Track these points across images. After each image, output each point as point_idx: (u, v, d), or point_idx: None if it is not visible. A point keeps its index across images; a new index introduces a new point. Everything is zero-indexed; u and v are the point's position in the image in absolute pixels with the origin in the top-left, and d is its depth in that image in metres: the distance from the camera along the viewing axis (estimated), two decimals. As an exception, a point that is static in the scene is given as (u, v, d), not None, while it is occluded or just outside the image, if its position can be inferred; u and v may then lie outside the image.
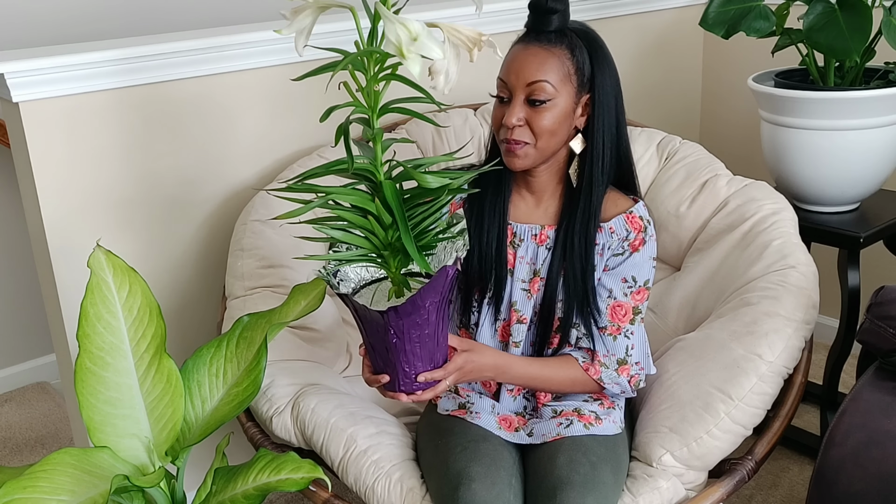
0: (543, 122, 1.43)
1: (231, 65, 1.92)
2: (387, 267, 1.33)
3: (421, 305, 1.27)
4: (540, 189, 1.53)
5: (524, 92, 1.42)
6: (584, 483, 1.34)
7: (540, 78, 1.41)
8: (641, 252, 1.51)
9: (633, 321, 1.52)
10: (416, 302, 1.27)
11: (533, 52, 1.42)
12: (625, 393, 1.54)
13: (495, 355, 1.47)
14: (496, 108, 1.47)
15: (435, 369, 1.36)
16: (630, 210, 1.51)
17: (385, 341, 1.31)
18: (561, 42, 1.43)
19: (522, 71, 1.42)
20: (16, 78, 1.66)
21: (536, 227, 1.53)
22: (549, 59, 1.42)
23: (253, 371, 1.49)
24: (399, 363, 1.33)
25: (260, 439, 1.63)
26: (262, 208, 1.87)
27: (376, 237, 1.30)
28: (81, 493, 1.30)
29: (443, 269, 1.26)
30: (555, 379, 1.50)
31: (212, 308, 2.04)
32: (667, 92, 2.78)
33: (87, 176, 1.81)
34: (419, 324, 1.29)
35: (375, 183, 1.29)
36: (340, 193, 1.28)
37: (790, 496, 2.07)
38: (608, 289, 1.51)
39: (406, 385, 1.36)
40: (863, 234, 1.96)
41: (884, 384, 1.49)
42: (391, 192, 1.26)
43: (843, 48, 1.87)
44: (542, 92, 1.41)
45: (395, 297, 1.34)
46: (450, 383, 1.39)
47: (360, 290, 1.40)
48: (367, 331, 1.35)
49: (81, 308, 1.41)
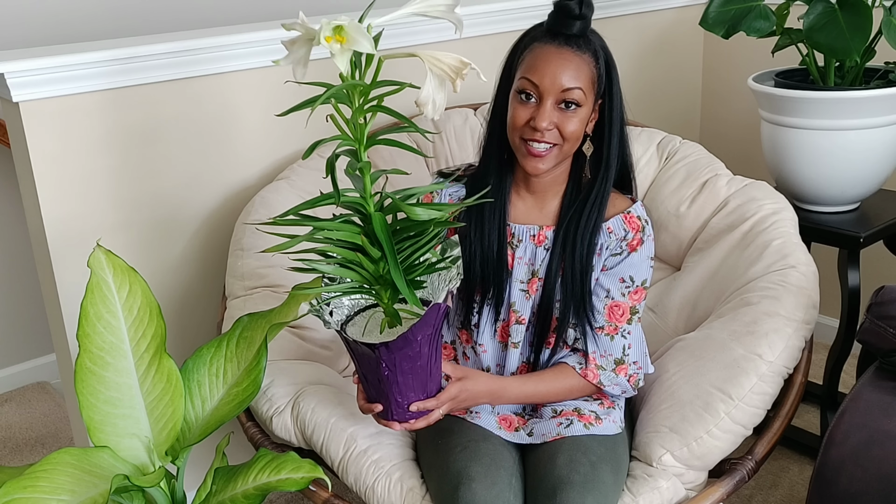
0: (572, 126, 1.43)
1: (231, 64, 1.92)
2: (379, 298, 1.33)
3: (413, 340, 1.28)
4: (542, 190, 1.53)
5: (558, 97, 1.42)
6: (584, 483, 1.34)
7: (575, 85, 1.41)
8: (639, 252, 1.51)
9: (631, 321, 1.52)
10: (408, 337, 1.27)
11: (567, 57, 1.41)
12: (626, 392, 1.54)
13: (489, 381, 1.47)
14: (519, 106, 1.44)
15: (428, 398, 1.37)
16: (628, 210, 1.52)
17: (377, 373, 1.32)
18: (588, 48, 1.43)
19: (559, 76, 1.41)
20: (16, 78, 1.66)
21: (535, 227, 1.53)
22: (581, 66, 1.42)
23: (253, 371, 1.49)
24: (391, 393, 1.35)
25: (260, 439, 1.63)
26: (262, 208, 1.87)
27: (366, 270, 1.30)
28: (81, 492, 1.30)
29: (434, 306, 1.27)
30: (552, 392, 1.51)
31: (212, 308, 2.04)
32: (667, 92, 2.78)
33: (88, 176, 1.81)
34: (411, 356, 1.30)
35: (365, 214, 1.28)
36: (329, 227, 1.27)
37: (790, 496, 2.07)
38: (606, 289, 1.51)
39: (399, 414, 1.37)
40: (863, 234, 1.96)
41: (884, 384, 1.49)
42: (380, 224, 1.25)
43: (843, 48, 1.87)
44: (576, 97, 1.42)
45: (388, 327, 1.35)
46: (443, 412, 1.41)
47: (353, 316, 1.41)
48: (359, 362, 1.36)
49: (81, 308, 1.41)
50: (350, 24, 1.13)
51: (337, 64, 1.13)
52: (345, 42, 1.13)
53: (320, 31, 1.12)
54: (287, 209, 1.87)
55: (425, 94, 1.23)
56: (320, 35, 1.12)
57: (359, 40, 1.13)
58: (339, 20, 1.13)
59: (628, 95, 1.51)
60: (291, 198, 1.91)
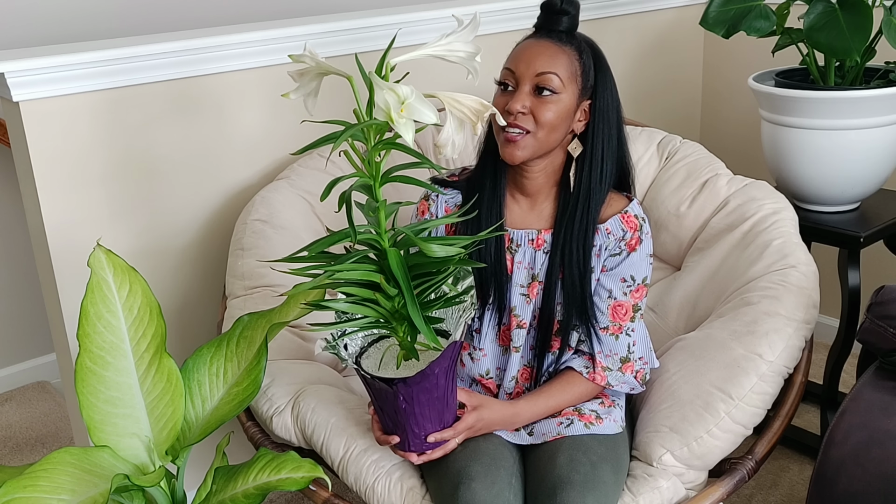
0: (547, 113, 1.43)
1: (231, 64, 1.92)
2: (395, 333, 1.34)
3: (430, 374, 1.29)
4: (534, 191, 1.53)
5: (532, 81, 1.43)
6: (584, 482, 1.34)
7: (549, 70, 1.43)
8: (639, 251, 1.51)
9: (634, 318, 1.52)
10: (426, 373, 1.28)
11: (544, 45, 1.44)
12: (634, 389, 1.55)
13: (503, 408, 1.48)
14: (499, 96, 1.47)
15: (444, 429, 1.39)
16: (625, 210, 1.52)
17: (394, 405, 1.33)
18: (570, 42, 1.45)
19: (533, 61, 1.43)
20: (16, 77, 1.66)
21: (532, 231, 1.53)
22: (559, 54, 1.44)
23: (253, 370, 1.49)
24: (408, 425, 1.36)
25: (260, 439, 1.63)
26: (263, 208, 1.87)
27: (382, 308, 1.30)
28: (81, 492, 1.30)
29: (453, 343, 1.28)
30: (563, 403, 1.52)
31: (212, 308, 2.04)
32: (667, 91, 2.78)
33: (88, 175, 1.81)
34: (428, 389, 1.31)
35: (380, 250, 1.28)
36: (345, 269, 1.27)
37: (790, 496, 2.07)
38: (608, 289, 1.51)
39: (416, 445, 1.39)
40: (863, 234, 1.96)
41: (884, 384, 1.49)
42: (396, 260, 1.25)
43: (843, 48, 1.87)
44: (550, 83, 1.43)
45: (404, 360, 1.36)
46: (459, 441, 1.42)
47: (367, 348, 1.42)
48: (375, 396, 1.37)
49: (82, 307, 1.41)
50: (412, 99, 1.12)
51: (403, 135, 1.13)
52: (404, 112, 1.13)
53: (390, 110, 1.12)
54: (287, 209, 1.89)
55: (445, 136, 1.23)
56: (391, 113, 1.12)
57: (422, 111, 1.13)
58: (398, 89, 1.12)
59: (628, 95, 1.52)
60: (291, 198, 1.91)
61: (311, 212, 1.93)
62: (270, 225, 1.84)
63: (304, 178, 1.95)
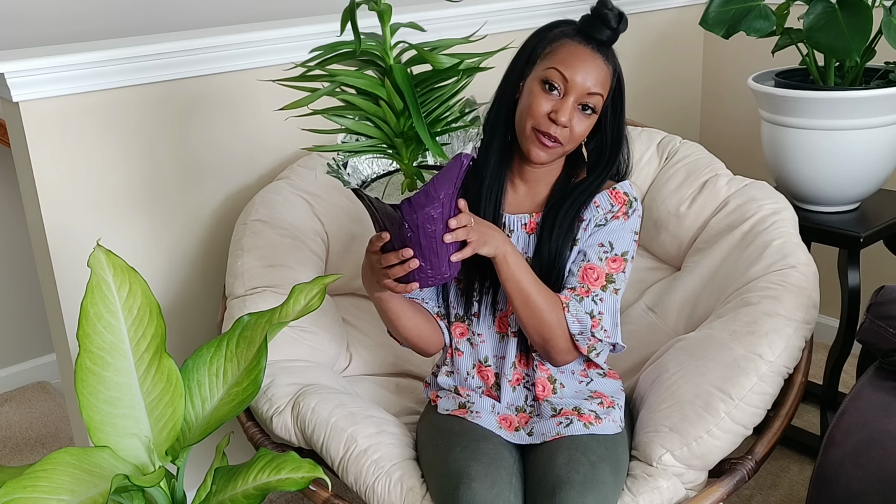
0: (581, 129, 1.46)
1: (231, 64, 1.92)
2: (399, 158, 1.30)
3: (435, 196, 1.26)
4: (536, 179, 1.55)
5: (581, 97, 1.44)
6: (583, 482, 1.34)
7: (600, 91, 1.45)
8: (621, 220, 1.51)
9: (605, 289, 1.49)
10: (430, 192, 1.25)
11: (599, 63, 1.45)
12: (583, 334, 1.47)
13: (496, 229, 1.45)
14: (543, 95, 1.45)
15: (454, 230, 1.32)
16: (614, 187, 1.53)
17: (401, 236, 1.31)
18: (614, 59, 1.48)
19: (590, 77, 1.44)
20: (16, 77, 1.66)
21: (525, 216, 1.54)
22: (607, 75, 1.46)
23: (253, 371, 1.49)
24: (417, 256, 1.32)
25: (260, 439, 1.63)
26: (262, 208, 1.87)
27: (388, 125, 1.25)
28: (81, 492, 1.30)
29: (457, 157, 1.24)
30: (538, 294, 1.45)
31: (212, 308, 2.04)
32: (667, 92, 2.78)
33: (88, 175, 1.81)
34: (434, 217, 1.28)
35: (384, 68, 1.23)
36: (349, 76, 1.22)
37: (790, 496, 2.07)
38: (583, 251, 1.51)
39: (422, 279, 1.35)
40: (863, 234, 1.96)
41: (884, 384, 1.49)
42: (402, 76, 1.21)
43: (843, 48, 1.87)
44: (596, 103, 1.46)
45: (408, 189, 1.31)
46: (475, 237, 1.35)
47: (370, 183, 1.37)
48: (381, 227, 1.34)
49: (81, 307, 1.41)
50: None
51: None
52: None
53: None
54: (287, 209, 1.89)
55: None
56: None
57: None
58: None
59: (628, 95, 1.53)
60: (291, 198, 1.91)
61: (311, 212, 1.93)
62: (270, 225, 1.84)
63: (303, 179, 1.95)
